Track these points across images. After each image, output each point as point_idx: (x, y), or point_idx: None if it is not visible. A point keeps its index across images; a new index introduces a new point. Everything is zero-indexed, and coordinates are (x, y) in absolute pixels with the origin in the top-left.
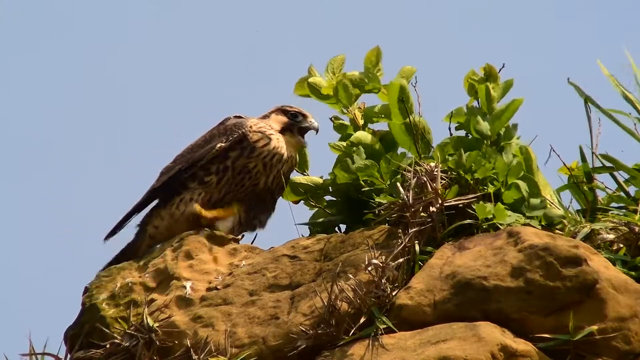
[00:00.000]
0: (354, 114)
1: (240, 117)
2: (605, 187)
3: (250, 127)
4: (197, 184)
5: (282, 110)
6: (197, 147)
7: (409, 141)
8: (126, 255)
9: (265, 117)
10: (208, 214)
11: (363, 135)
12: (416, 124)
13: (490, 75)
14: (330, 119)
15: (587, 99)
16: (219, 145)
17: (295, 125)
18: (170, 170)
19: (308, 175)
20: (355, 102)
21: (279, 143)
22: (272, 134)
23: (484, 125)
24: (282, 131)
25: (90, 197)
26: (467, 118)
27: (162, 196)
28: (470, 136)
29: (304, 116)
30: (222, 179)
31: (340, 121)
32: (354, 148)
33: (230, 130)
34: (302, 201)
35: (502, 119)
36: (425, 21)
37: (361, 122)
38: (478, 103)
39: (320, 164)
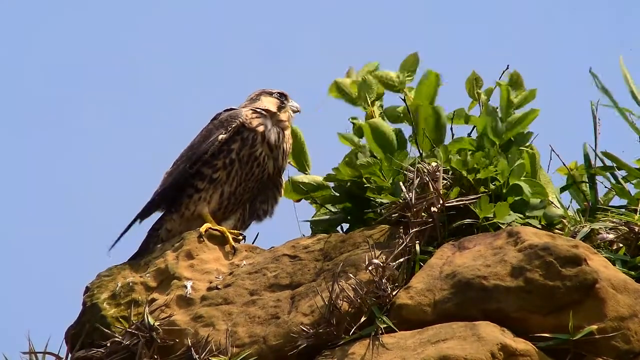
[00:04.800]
0: (373, 110)
1: (231, 109)
2: (609, 184)
3: (246, 115)
4: (207, 183)
5: (267, 93)
6: (197, 144)
7: (434, 129)
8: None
9: (254, 100)
10: (215, 225)
11: (379, 123)
12: (444, 117)
13: (516, 82)
14: (349, 120)
15: (605, 92)
16: (220, 137)
17: (284, 105)
18: (174, 172)
19: (309, 174)
20: (377, 101)
21: (280, 121)
22: (271, 115)
23: (500, 129)
24: (279, 110)
25: (91, 197)
26: (485, 120)
27: (170, 200)
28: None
29: (285, 97)
30: (231, 172)
31: (359, 123)
32: (360, 145)
33: (227, 122)
34: (304, 199)
35: (518, 126)
36: (426, 20)
37: (378, 118)
38: (480, 106)
39: (321, 165)
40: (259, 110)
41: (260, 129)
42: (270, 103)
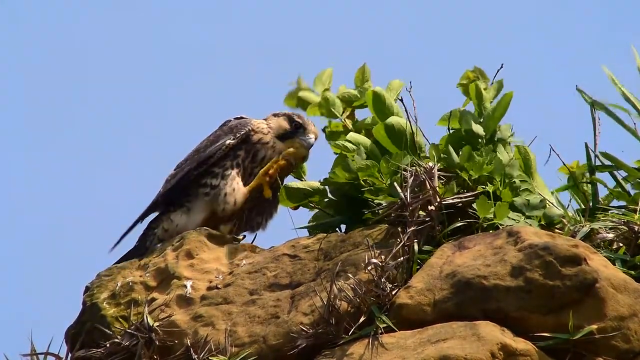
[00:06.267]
0: (345, 121)
1: (242, 117)
2: (607, 185)
3: (253, 126)
4: (220, 179)
5: (288, 117)
6: (204, 148)
7: (392, 144)
8: (132, 258)
9: (270, 118)
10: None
11: (359, 137)
12: (400, 127)
13: (480, 77)
14: (323, 130)
15: (594, 104)
16: (228, 142)
17: (295, 135)
18: (179, 174)
19: (305, 180)
20: (344, 113)
21: (274, 148)
22: (269, 138)
23: (475, 127)
24: (281, 137)
25: (91, 197)
26: (459, 120)
27: (172, 200)
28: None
29: (305, 129)
30: (239, 173)
31: (331, 129)
32: (355, 147)
33: (236, 129)
34: (300, 207)
35: (495, 116)
36: (426, 23)
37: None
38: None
39: (317, 171)
40: (265, 127)
41: (260, 146)
42: (278, 126)
